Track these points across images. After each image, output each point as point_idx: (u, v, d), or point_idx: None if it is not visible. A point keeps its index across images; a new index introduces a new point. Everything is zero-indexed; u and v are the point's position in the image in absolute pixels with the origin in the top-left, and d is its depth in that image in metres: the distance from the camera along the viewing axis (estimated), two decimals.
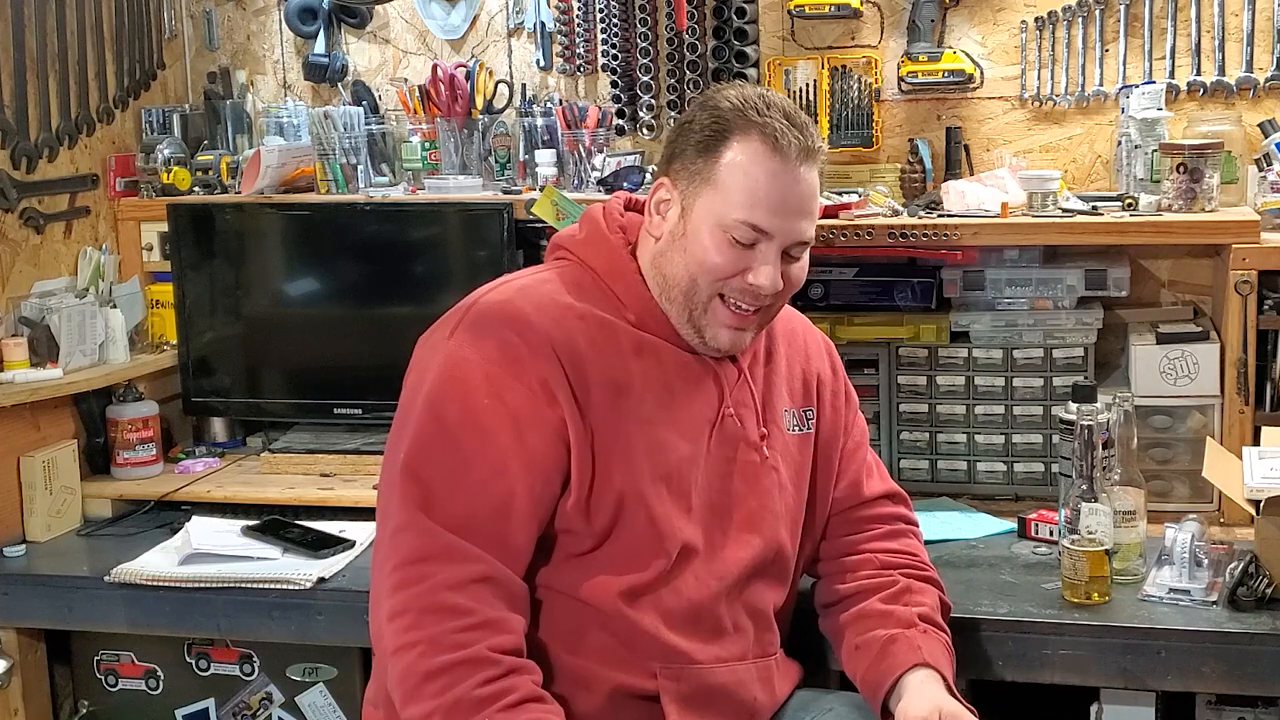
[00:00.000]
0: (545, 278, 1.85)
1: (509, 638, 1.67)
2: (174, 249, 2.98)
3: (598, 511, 1.76)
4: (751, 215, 1.75)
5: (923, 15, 2.82)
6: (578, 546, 1.78)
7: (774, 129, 1.75)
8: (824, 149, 1.83)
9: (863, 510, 2.04)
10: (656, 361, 1.82)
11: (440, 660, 1.62)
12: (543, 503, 1.74)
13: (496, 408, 1.72)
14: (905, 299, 2.75)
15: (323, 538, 2.51)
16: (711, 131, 1.78)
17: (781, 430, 1.93)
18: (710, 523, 1.84)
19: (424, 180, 2.95)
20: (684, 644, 1.80)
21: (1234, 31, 2.74)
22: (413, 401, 1.76)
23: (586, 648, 1.78)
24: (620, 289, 1.83)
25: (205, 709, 2.58)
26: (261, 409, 3.05)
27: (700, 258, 1.77)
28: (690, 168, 1.79)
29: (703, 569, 1.82)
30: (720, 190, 1.76)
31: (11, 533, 2.60)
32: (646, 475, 1.78)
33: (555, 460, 1.74)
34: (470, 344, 1.75)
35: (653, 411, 1.80)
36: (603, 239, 1.86)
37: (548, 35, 3.07)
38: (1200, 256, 2.76)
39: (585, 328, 1.78)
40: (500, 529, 1.70)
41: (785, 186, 1.76)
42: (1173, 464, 2.58)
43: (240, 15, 3.25)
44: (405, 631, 1.65)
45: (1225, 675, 2.03)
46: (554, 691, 1.72)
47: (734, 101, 1.79)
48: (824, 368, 2.03)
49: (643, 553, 1.78)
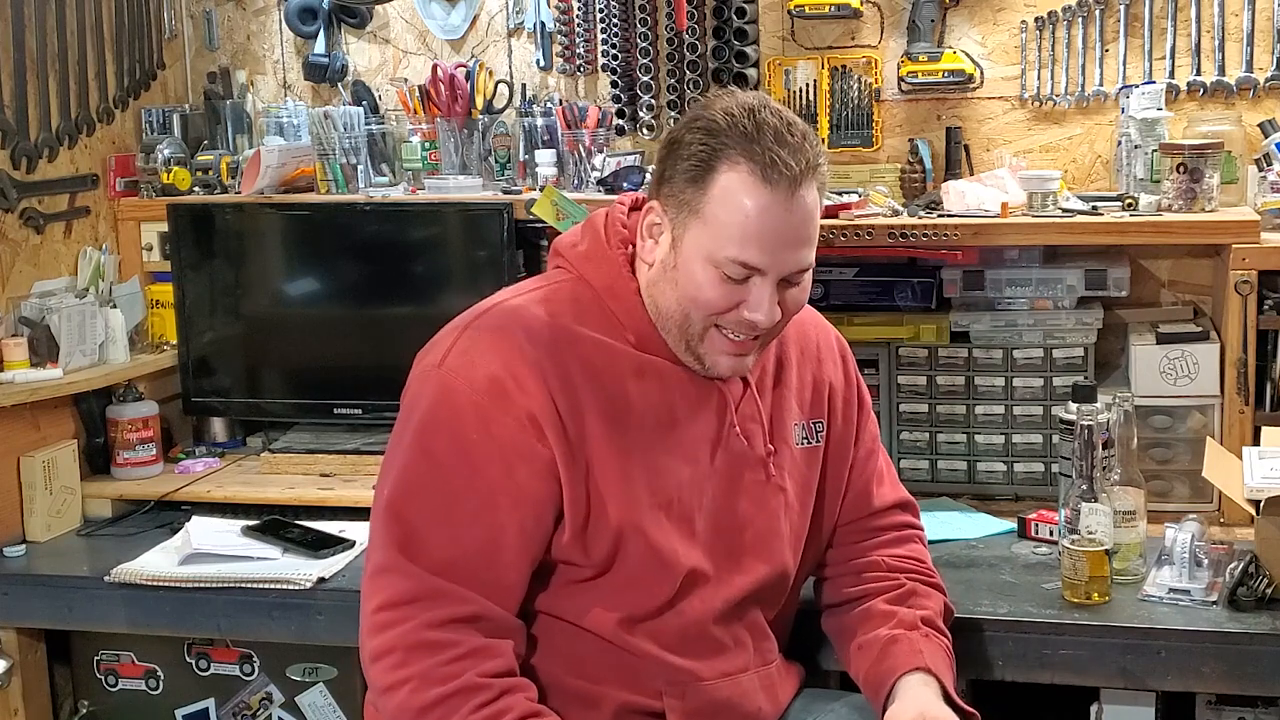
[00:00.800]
0: (543, 295, 1.80)
1: (498, 661, 1.66)
2: (174, 249, 2.98)
3: (595, 544, 1.73)
4: (742, 253, 1.67)
5: (923, 15, 2.82)
6: (577, 575, 1.76)
7: (764, 158, 1.65)
8: (822, 163, 1.72)
9: (873, 520, 2.03)
10: (658, 382, 1.78)
11: (433, 694, 1.61)
12: (534, 539, 1.71)
13: (485, 442, 1.68)
14: (905, 299, 2.75)
15: (323, 538, 2.51)
16: (700, 160, 1.68)
17: (790, 446, 1.90)
18: (716, 547, 1.82)
19: (424, 180, 2.95)
20: (687, 663, 1.79)
21: (1234, 31, 2.74)
22: (403, 431, 1.74)
23: (590, 670, 1.77)
24: (619, 309, 1.78)
25: (205, 709, 2.57)
26: (261, 409, 3.05)
27: (692, 294, 1.71)
28: (680, 196, 1.71)
29: (710, 594, 1.80)
30: (710, 225, 1.68)
31: (11, 533, 2.60)
32: (644, 504, 1.75)
33: (547, 495, 1.71)
34: (460, 373, 1.71)
35: (652, 436, 1.77)
36: (602, 254, 1.80)
37: (548, 35, 3.07)
38: (1200, 256, 2.76)
39: (581, 353, 1.74)
40: (488, 567, 1.68)
41: (777, 219, 1.67)
42: (1173, 464, 2.58)
43: (240, 15, 3.25)
44: (394, 670, 1.64)
45: (1225, 675, 2.03)
46: (559, 712, 1.71)
47: (722, 123, 1.68)
48: (836, 374, 1.99)
49: (646, 581, 1.76)
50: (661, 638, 1.78)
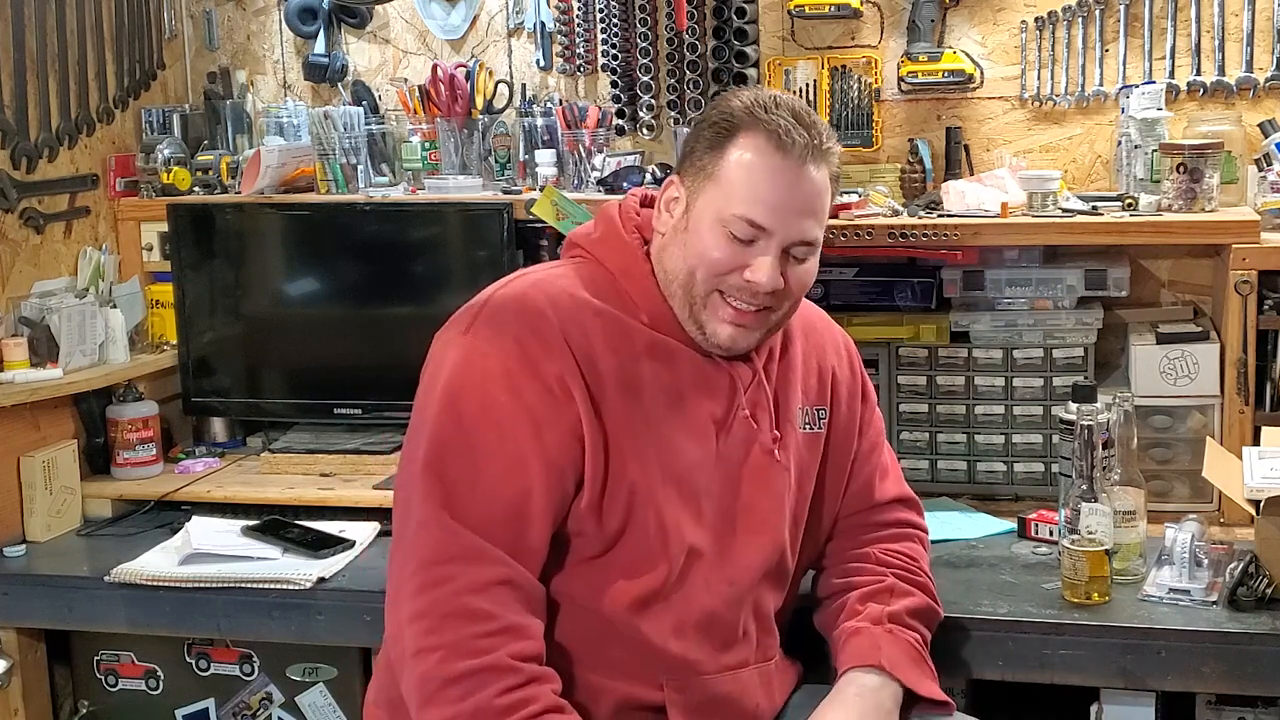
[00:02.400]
0: (561, 272, 1.84)
1: (530, 644, 1.66)
2: (174, 249, 2.98)
3: (610, 512, 1.75)
4: (750, 211, 1.74)
5: (923, 15, 2.82)
6: (588, 550, 1.77)
7: (779, 126, 1.74)
8: (835, 150, 1.81)
9: (874, 515, 2.04)
10: (669, 362, 1.81)
11: (461, 666, 1.62)
12: (558, 502, 1.73)
13: (514, 404, 1.70)
14: (905, 299, 2.75)
15: (323, 538, 2.51)
16: (720, 130, 1.78)
17: (795, 428, 1.92)
18: (721, 527, 1.83)
19: (424, 180, 2.95)
20: (693, 654, 1.80)
21: (1234, 31, 2.74)
22: (429, 396, 1.75)
23: (597, 660, 1.78)
24: (634, 290, 1.82)
25: (205, 709, 2.58)
26: (261, 409, 3.05)
27: (698, 250, 1.76)
28: (697, 164, 1.79)
29: (712, 574, 1.81)
30: (722, 186, 1.76)
31: (11, 533, 2.60)
32: (658, 476, 1.77)
33: (571, 459, 1.73)
34: (487, 339, 1.74)
35: (663, 414, 1.79)
36: (617, 238, 1.85)
37: (548, 35, 3.07)
38: (1200, 256, 2.76)
39: (600, 324, 1.77)
40: (517, 529, 1.69)
41: (787, 183, 1.75)
42: (1173, 464, 2.58)
43: (240, 15, 3.25)
44: (426, 635, 1.64)
45: (1225, 675, 2.03)
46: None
47: (744, 101, 1.79)
48: (841, 365, 2.02)
49: (651, 556, 1.77)
50: (674, 620, 1.78)
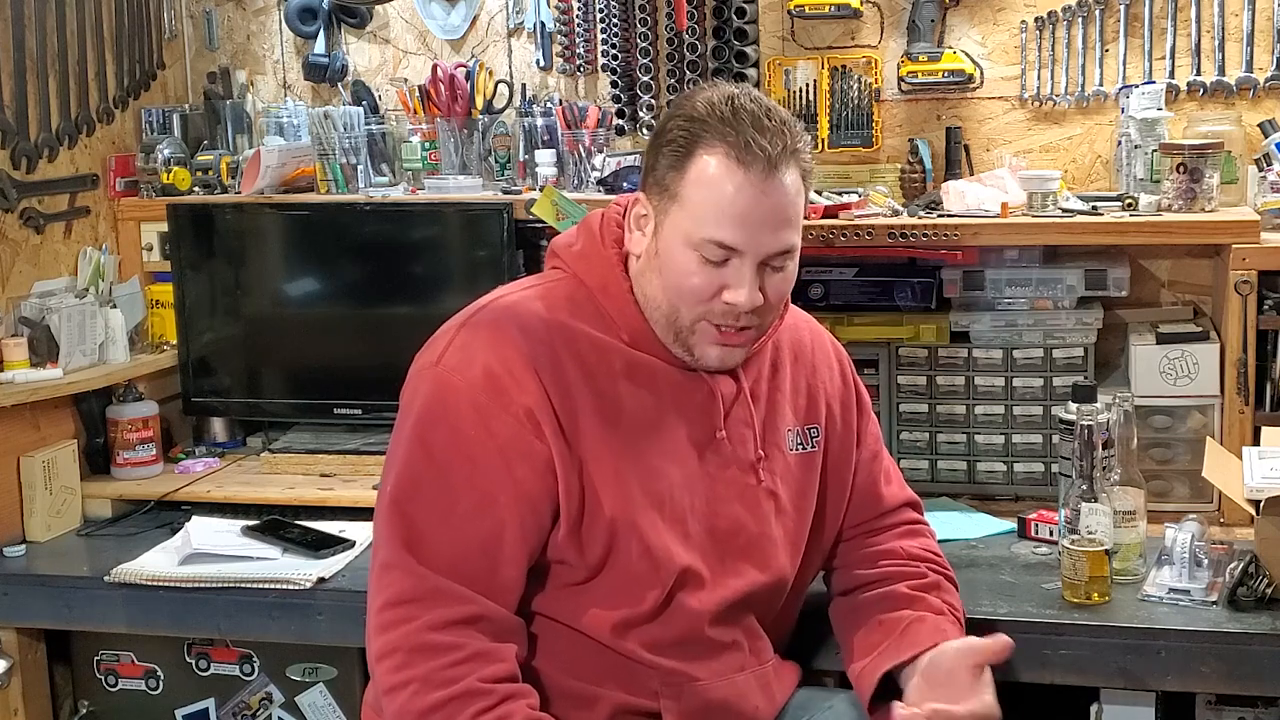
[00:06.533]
0: (537, 293, 1.82)
1: (501, 666, 1.66)
2: (174, 249, 2.98)
3: (590, 542, 1.74)
4: (718, 233, 1.69)
5: (923, 15, 2.82)
6: (571, 576, 1.76)
7: (739, 140, 1.68)
8: (802, 148, 1.74)
9: (883, 519, 2.03)
10: (649, 382, 1.79)
11: (433, 698, 1.62)
12: (532, 535, 1.72)
13: (484, 439, 1.69)
14: (905, 299, 2.74)
15: (323, 538, 2.51)
16: (679, 145, 1.72)
17: (783, 451, 1.90)
18: (710, 550, 1.81)
19: (424, 180, 2.95)
20: (681, 666, 1.79)
21: (1234, 31, 2.74)
22: (402, 429, 1.75)
23: (586, 671, 1.77)
24: (612, 308, 1.79)
25: (205, 709, 2.57)
26: (261, 409, 3.05)
27: (675, 281, 1.73)
28: (661, 183, 1.74)
29: (704, 596, 1.80)
30: (686, 207, 1.71)
31: (11, 533, 2.60)
32: (638, 503, 1.75)
33: (544, 492, 1.72)
34: (457, 371, 1.72)
35: (643, 436, 1.77)
36: (596, 253, 1.82)
37: (548, 35, 3.07)
38: (1200, 256, 2.76)
39: (576, 349, 1.76)
40: (489, 566, 1.68)
41: (752, 199, 1.69)
42: (1173, 464, 2.58)
43: (240, 15, 3.25)
44: (396, 671, 1.64)
45: (1225, 675, 2.03)
46: (554, 713, 1.71)
47: (700, 110, 1.72)
48: (833, 379, 1.99)
49: (640, 582, 1.76)
50: (655, 642, 1.77)
